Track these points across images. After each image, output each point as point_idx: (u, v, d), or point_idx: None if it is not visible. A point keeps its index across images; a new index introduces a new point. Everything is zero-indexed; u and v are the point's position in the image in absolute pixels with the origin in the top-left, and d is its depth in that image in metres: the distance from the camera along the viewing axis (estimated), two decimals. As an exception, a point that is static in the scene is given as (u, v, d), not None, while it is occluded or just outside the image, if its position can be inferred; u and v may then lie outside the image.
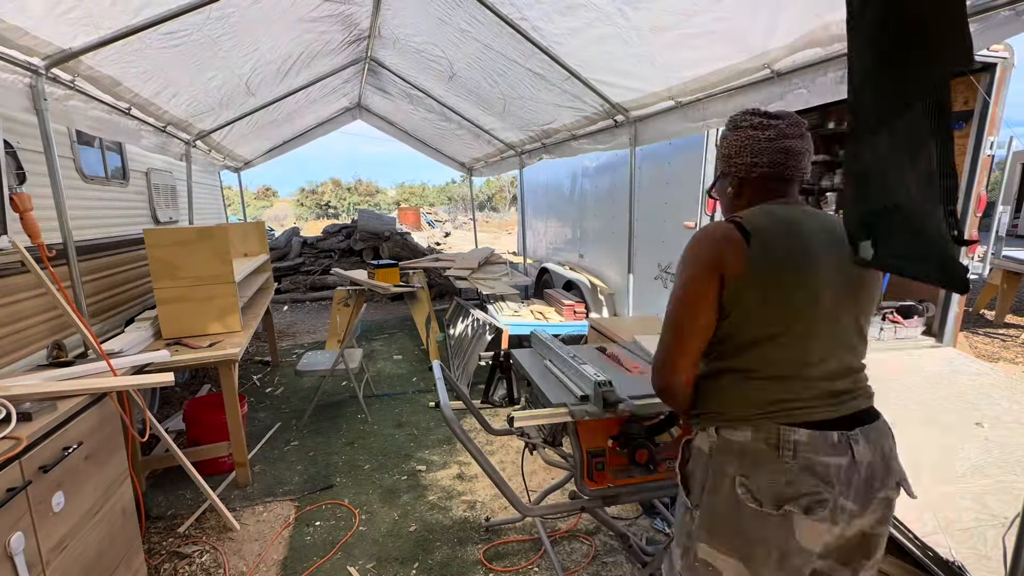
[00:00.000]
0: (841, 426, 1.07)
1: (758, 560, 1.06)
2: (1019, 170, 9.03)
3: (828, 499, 1.03)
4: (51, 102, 2.24)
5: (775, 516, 1.03)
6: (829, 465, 1.04)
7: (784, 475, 1.04)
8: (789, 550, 1.04)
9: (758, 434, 1.08)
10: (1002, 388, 3.24)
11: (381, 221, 10.53)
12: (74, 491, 1.72)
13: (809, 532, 1.03)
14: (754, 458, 1.07)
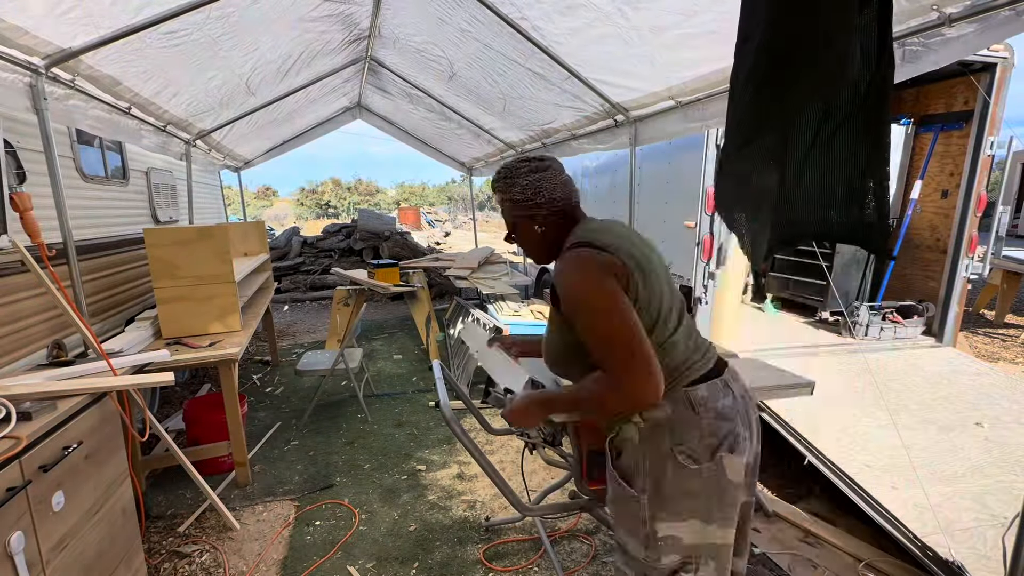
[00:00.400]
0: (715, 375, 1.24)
1: (705, 508, 1.18)
2: (1019, 170, 9.03)
3: (740, 432, 1.19)
4: (51, 101, 2.24)
5: (709, 466, 1.16)
6: (727, 406, 1.20)
7: (707, 429, 1.18)
8: (724, 487, 1.18)
9: (675, 404, 1.20)
10: (1002, 388, 3.24)
11: (381, 221, 10.53)
12: (74, 491, 1.72)
13: (734, 466, 1.18)
14: (680, 426, 1.19)
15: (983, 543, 2.00)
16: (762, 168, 1.00)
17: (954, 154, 4.12)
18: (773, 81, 0.94)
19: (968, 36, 1.70)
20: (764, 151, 0.99)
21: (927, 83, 4.22)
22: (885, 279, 4.42)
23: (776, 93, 0.95)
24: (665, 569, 1.21)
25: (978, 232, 3.81)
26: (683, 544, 1.19)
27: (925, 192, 4.34)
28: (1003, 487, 2.32)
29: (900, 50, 1.89)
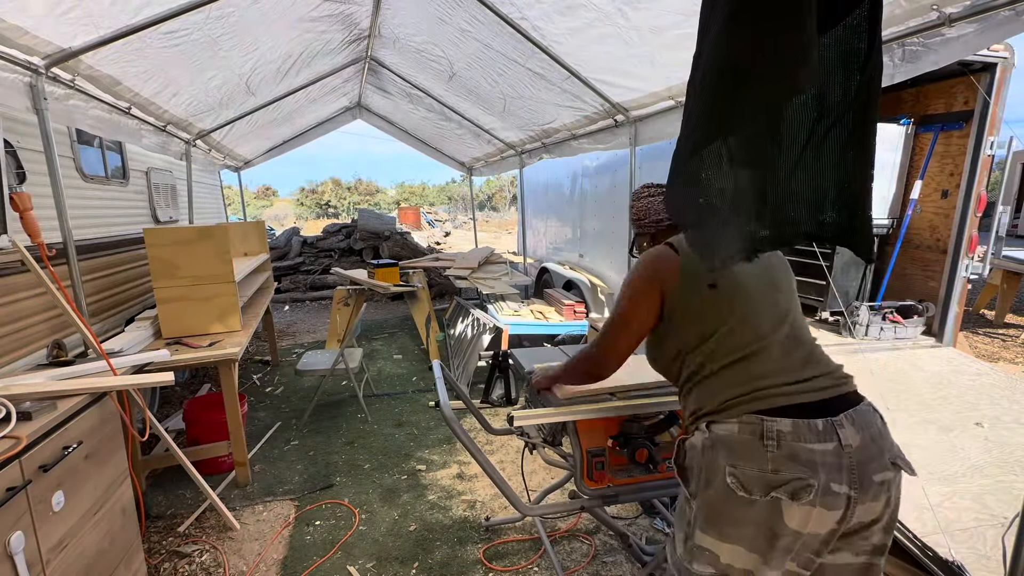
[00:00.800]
0: (827, 411, 1.12)
1: (749, 538, 1.12)
2: (1019, 170, 9.03)
3: (814, 485, 1.07)
4: (51, 101, 2.24)
5: (763, 501, 1.09)
6: (815, 451, 1.08)
7: (769, 463, 1.09)
8: (779, 532, 1.09)
9: (743, 426, 1.14)
10: (1002, 388, 3.24)
11: (381, 221, 10.53)
12: (74, 490, 1.72)
13: (797, 515, 1.08)
14: (741, 450, 1.13)
15: (983, 543, 2.00)
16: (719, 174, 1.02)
17: (954, 154, 4.12)
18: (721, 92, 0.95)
19: (968, 36, 1.70)
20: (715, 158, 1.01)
21: (927, 83, 4.22)
22: (885, 279, 4.42)
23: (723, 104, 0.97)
24: (695, 574, 1.20)
25: (978, 232, 3.81)
26: (720, 562, 1.16)
27: (925, 192, 4.34)
28: (1003, 487, 2.32)
29: (900, 50, 1.89)
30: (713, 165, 1.01)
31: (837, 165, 1.01)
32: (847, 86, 0.98)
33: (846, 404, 1.15)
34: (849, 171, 1.01)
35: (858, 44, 0.96)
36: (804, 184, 1.04)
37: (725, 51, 0.93)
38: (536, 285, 6.60)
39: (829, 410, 1.12)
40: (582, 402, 1.71)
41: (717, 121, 0.97)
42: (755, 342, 1.21)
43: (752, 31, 0.89)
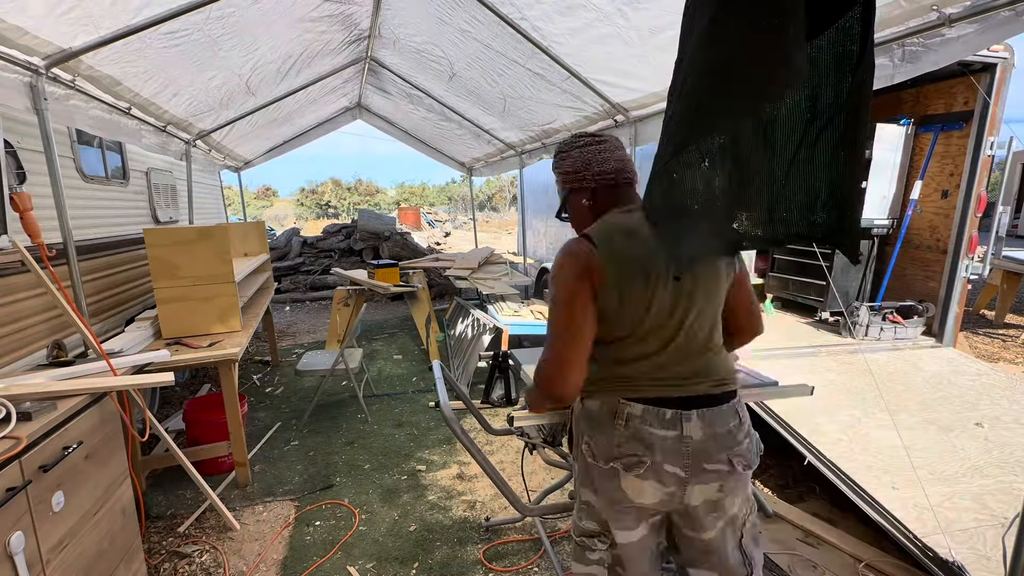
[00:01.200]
0: (677, 405, 1.24)
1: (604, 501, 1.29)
2: (1019, 170, 9.03)
3: (647, 462, 1.22)
4: (51, 102, 2.24)
5: (605, 469, 1.26)
6: (655, 435, 1.22)
7: (615, 438, 1.25)
8: (616, 497, 1.27)
9: (604, 405, 1.28)
10: (1002, 388, 3.24)
11: (381, 221, 10.53)
12: (74, 491, 1.72)
13: (632, 486, 1.24)
14: (597, 423, 1.28)
15: (983, 543, 2.00)
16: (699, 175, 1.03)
17: (954, 154, 4.12)
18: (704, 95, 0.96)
19: (968, 36, 1.70)
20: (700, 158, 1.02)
21: (927, 83, 4.22)
22: (885, 279, 4.42)
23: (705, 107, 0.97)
24: (583, 528, 1.35)
25: (978, 232, 3.81)
26: (600, 517, 1.31)
27: (925, 192, 4.34)
28: (1003, 487, 2.32)
29: (900, 50, 1.89)
30: (694, 167, 1.02)
31: (828, 166, 1.02)
32: (839, 88, 0.99)
33: (706, 403, 1.25)
34: (840, 172, 1.02)
35: (850, 46, 0.97)
36: (795, 185, 1.05)
37: (707, 54, 0.93)
38: (536, 285, 6.60)
39: (685, 405, 1.24)
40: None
41: (699, 124, 0.98)
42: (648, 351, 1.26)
43: (733, 34, 0.90)
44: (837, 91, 0.99)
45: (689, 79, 0.97)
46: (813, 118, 1.01)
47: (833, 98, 0.99)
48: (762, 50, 0.89)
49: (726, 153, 1.01)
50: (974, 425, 2.83)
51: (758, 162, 1.03)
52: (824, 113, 1.00)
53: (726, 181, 1.03)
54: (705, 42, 0.93)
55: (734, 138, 1.01)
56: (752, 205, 1.06)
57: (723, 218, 1.06)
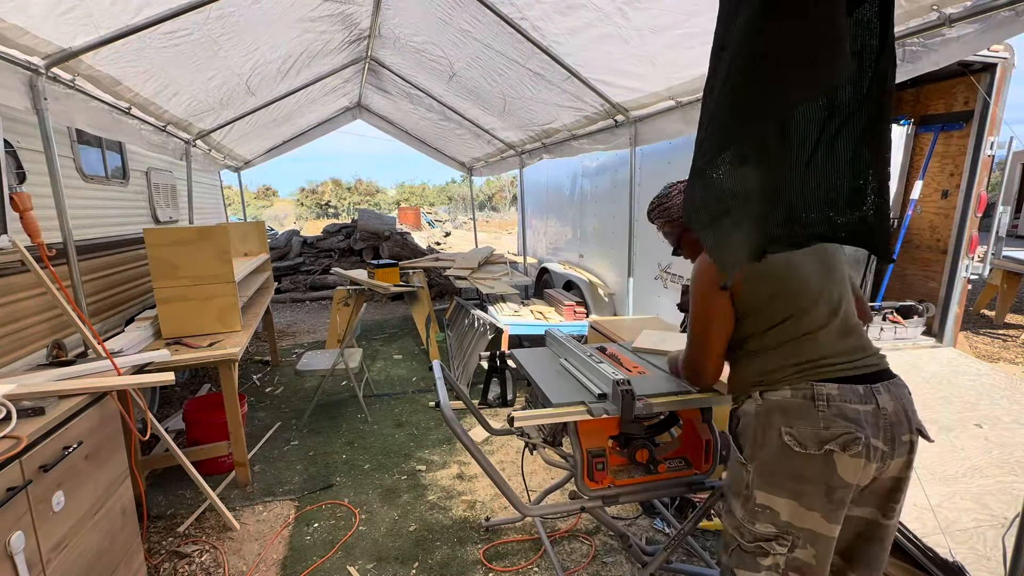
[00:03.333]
0: (865, 381, 1.27)
1: (809, 495, 1.23)
2: (1019, 170, 9.03)
3: (861, 437, 1.20)
4: (51, 101, 2.24)
5: (818, 456, 1.22)
6: (859, 411, 1.23)
7: (821, 421, 1.23)
8: (833, 484, 1.22)
9: (796, 391, 1.28)
10: (1002, 388, 3.24)
11: (381, 221, 10.53)
12: (74, 490, 1.72)
13: (848, 466, 1.21)
14: (796, 411, 1.26)
15: (983, 543, 2.00)
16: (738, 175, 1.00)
17: (954, 154, 4.12)
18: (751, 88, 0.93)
19: (968, 36, 1.70)
20: (741, 157, 0.99)
21: (927, 83, 4.22)
22: (885, 279, 4.42)
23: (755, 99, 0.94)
24: (758, 534, 1.30)
25: (978, 232, 3.81)
26: (780, 519, 1.26)
27: (925, 192, 4.34)
28: (1003, 487, 2.32)
29: (900, 50, 1.89)
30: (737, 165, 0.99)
31: (851, 163, 1.00)
32: (859, 83, 0.97)
33: (884, 377, 1.31)
34: (864, 169, 1.00)
35: (869, 40, 0.95)
36: (817, 184, 1.02)
37: (755, 45, 0.89)
38: (536, 285, 6.60)
39: (869, 380, 1.28)
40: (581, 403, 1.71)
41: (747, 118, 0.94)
42: (813, 329, 1.32)
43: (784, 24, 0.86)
44: (857, 86, 0.97)
45: (733, 71, 0.93)
46: (832, 115, 0.99)
47: (852, 93, 0.97)
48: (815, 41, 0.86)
49: (764, 152, 0.99)
50: (974, 426, 2.83)
51: (781, 161, 1.00)
52: (844, 108, 0.98)
53: (762, 182, 1.00)
54: (752, 32, 0.89)
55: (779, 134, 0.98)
56: (779, 205, 1.04)
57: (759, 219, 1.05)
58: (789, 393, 1.29)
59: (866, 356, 1.33)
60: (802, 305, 1.33)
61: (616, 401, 1.62)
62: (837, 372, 1.28)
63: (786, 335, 1.33)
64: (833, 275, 1.39)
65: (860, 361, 1.31)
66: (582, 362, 1.95)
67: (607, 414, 1.62)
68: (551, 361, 2.15)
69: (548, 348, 2.33)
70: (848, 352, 1.32)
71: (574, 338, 2.23)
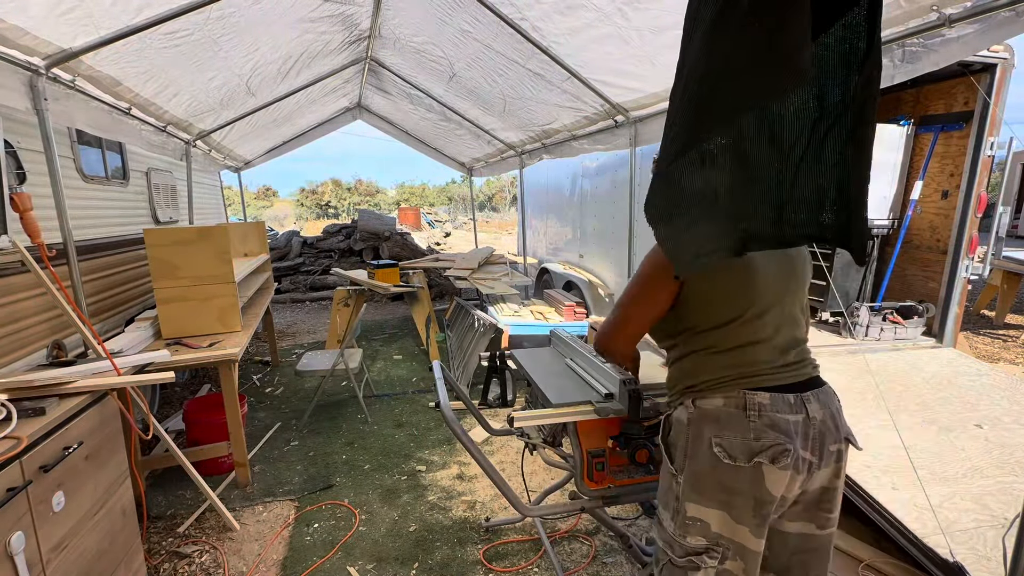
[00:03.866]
0: (795, 390, 1.25)
1: (738, 507, 1.21)
2: (1019, 171, 9.03)
3: (790, 449, 1.19)
4: (51, 102, 2.24)
5: (747, 468, 1.19)
6: (788, 421, 1.21)
7: (751, 432, 1.20)
8: (761, 497, 1.20)
9: (728, 400, 1.24)
10: (1002, 389, 3.24)
11: (381, 221, 10.53)
12: (74, 491, 1.72)
13: (775, 479, 1.19)
14: (726, 421, 1.23)
15: (983, 544, 2.00)
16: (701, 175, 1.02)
17: (954, 155, 4.12)
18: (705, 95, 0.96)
19: (968, 37, 1.70)
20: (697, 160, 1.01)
21: (927, 84, 4.22)
22: (885, 280, 4.42)
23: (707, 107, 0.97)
24: (689, 547, 1.27)
25: (978, 233, 3.81)
26: (711, 531, 1.24)
27: (925, 193, 4.34)
28: (1003, 488, 2.32)
29: (900, 51, 1.89)
30: (696, 168, 1.01)
31: (836, 165, 1.01)
32: (846, 86, 0.98)
33: (813, 385, 1.29)
34: (847, 171, 1.01)
35: (857, 43, 0.96)
36: (804, 184, 1.04)
37: (708, 56, 0.93)
38: (536, 285, 6.60)
39: (799, 389, 1.25)
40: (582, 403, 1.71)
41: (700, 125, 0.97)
42: (757, 339, 1.27)
43: (733, 35, 0.90)
44: (844, 89, 0.98)
45: (691, 82, 0.97)
46: (821, 116, 1.00)
47: (840, 96, 0.98)
48: (762, 50, 0.89)
49: (730, 153, 1.00)
50: (974, 426, 2.83)
51: (765, 162, 1.02)
52: (832, 111, 0.99)
53: (732, 181, 1.02)
54: (706, 44, 0.93)
55: (738, 138, 1.00)
56: (761, 205, 1.05)
57: (730, 218, 1.05)
58: (721, 402, 1.25)
59: (801, 366, 1.30)
60: (752, 311, 1.27)
61: (623, 401, 1.62)
62: (770, 381, 1.25)
63: (726, 340, 1.27)
64: (793, 287, 1.32)
65: (793, 371, 1.28)
66: (588, 362, 1.95)
67: (614, 414, 1.62)
68: (551, 361, 2.15)
69: (553, 348, 2.33)
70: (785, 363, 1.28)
71: (578, 338, 2.23)
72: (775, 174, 1.03)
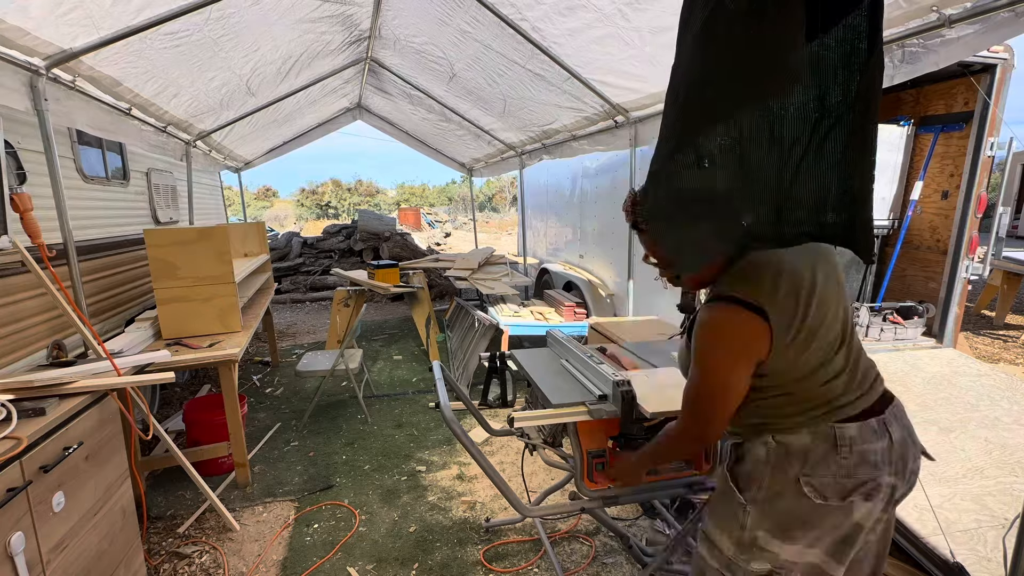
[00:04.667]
0: (876, 413, 1.19)
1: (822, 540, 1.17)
2: (1019, 171, 9.03)
3: (882, 484, 1.15)
4: (52, 102, 2.24)
5: (839, 506, 1.15)
6: (876, 451, 1.16)
7: (843, 469, 1.15)
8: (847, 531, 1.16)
9: (816, 436, 1.17)
10: (1002, 389, 3.24)
11: (381, 221, 10.53)
12: (74, 491, 1.72)
13: (865, 512, 1.16)
14: (815, 459, 1.17)
15: (983, 544, 2.00)
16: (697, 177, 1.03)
17: (954, 155, 4.12)
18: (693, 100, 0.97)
19: (968, 37, 1.70)
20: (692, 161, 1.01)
21: (927, 84, 4.22)
22: (885, 280, 4.42)
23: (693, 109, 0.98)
24: (751, 571, 1.22)
25: (978, 233, 3.81)
26: (780, 559, 1.20)
27: (925, 193, 4.34)
28: (1003, 488, 2.32)
29: (900, 51, 1.89)
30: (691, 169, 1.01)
31: (838, 165, 1.01)
32: (848, 86, 0.98)
33: (887, 402, 1.23)
34: (850, 171, 1.01)
35: (858, 44, 0.96)
36: (805, 184, 1.03)
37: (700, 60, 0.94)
38: (536, 286, 6.60)
39: (878, 411, 1.19)
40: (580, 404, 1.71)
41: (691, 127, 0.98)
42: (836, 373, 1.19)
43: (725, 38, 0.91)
44: (846, 89, 0.98)
45: (681, 84, 0.97)
46: (822, 116, 1.00)
47: (842, 96, 0.98)
48: (753, 53, 0.89)
49: (728, 154, 1.00)
50: (975, 428, 2.82)
51: (766, 161, 1.02)
52: (833, 111, 0.99)
53: (732, 181, 1.02)
54: (697, 47, 0.93)
55: (737, 138, 1.00)
56: (761, 205, 1.05)
57: (728, 218, 1.05)
58: (809, 439, 1.17)
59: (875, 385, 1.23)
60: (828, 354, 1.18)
61: (616, 402, 1.62)
62: (853, 409, 1.18)
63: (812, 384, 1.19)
64: (843, 299, 1.24)
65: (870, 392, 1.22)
66: (583, 363, 1.95)
67: (607, 415, 1.62)
68: (551, 362, 2.15)
69: (549, 348, 2.33)
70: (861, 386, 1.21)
71: (574, 339, 2.23)
72: (776, 174, 1.03)
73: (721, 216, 1.06)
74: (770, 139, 1.01)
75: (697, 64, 0.94)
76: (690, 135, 0.99)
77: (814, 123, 1.01)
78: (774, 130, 1.01)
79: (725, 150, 1.00)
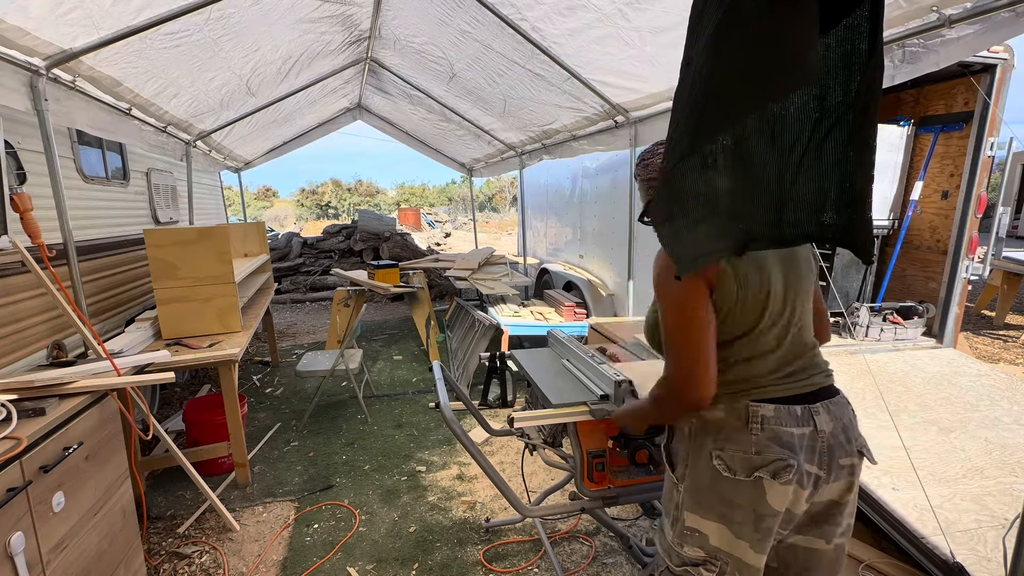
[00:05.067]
0: (804, 401, 1.20)
1: (737, 521, 1.18)
2: (1019, 171, 9.03)
3: (793, 465, 1.15)
4: (52, 102, 2.24)
5: (747, 482, 1.16)
6: (793, 435, 1.17)
7: (753, 446, 1.17)
8: (762, 511, 1.16)
9: (730, 411, 1.20)
10: (1003, 389, 3.24)
11: (381, 222, 10.53)
12: (74, 491, 1.72)
13: (777, 494, 1.15)
14: (727, 433, 1.20)
15: (984, 544, 2.00)
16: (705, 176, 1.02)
17: (954, 155, 4.12)
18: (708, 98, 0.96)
19: (968, 37, 1.70)
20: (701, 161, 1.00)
21: (927, 84, 4.22)
22: (885, 280, 4.42)
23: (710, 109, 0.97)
24: (686, 557, 1.25)
25: (978, 233, 3.81)
26: (709, 543, 1.21)
27: (925, 193, 4.34)
28: (1003, 488, 2.32)
29: (900, 51, 1.89)
30: (701, 169, 1.01)
31: (838, 166, 1.01)
32: (848, 87, 0.98)
33: (824, 395, 1.23)
34: (849, 172, 1.01)
35: (859, 44, 0.96)
36: (805, 185, 1.03)
37: (715, 57, 0.93)
38: (536, 286, 6.60)
39: (808, 400, 1.20)
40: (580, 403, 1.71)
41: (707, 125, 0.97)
42: (762, 351, 1.21)
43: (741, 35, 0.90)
44: (846, 89, 0.98)
45: (697, 84, 0.97)
46: (822, 117, 1.00)
47: (842, 96, 0.98)
48: (769, 51, 0.89)
49: (732, 153, 1.00)
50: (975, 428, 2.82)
51: (766, 162, 1.02)
52: (833, 112, 0.99)
53: (732, 182, 1.02)
54: (713, 46, 0.93)
55: (739, 138, 1.00)
56: (761, 205, 1.05)
57: (730, 218, 1.04)
58: (723, 413, 1.20)
59: (811, 375, 1.24)
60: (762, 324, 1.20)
61: (618, 402, 1.62)
62: (776, 392, 1.20)
63: (733, 355, 1.21)
64: (798, 290, 1.25)
65: (803, 380, 1.22)
66: (584, 363, 1.95)
67: (609, 415, 1.62)
68: (551, 362, 2.15)
69: (550, 348, 2.33)
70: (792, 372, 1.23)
71: (575, 339, 2.23)
72: (775, 174, 1.03)
73: (724, 216, 1.06)
74: (770, 139, 1.01)
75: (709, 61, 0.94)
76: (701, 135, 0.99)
77: (814, 123, 1.01)
78: (775, 130, 1.01)
79: (728, 150, 1.00)
